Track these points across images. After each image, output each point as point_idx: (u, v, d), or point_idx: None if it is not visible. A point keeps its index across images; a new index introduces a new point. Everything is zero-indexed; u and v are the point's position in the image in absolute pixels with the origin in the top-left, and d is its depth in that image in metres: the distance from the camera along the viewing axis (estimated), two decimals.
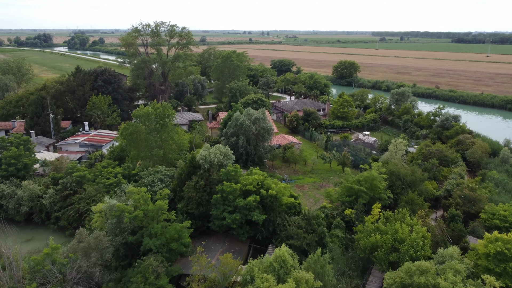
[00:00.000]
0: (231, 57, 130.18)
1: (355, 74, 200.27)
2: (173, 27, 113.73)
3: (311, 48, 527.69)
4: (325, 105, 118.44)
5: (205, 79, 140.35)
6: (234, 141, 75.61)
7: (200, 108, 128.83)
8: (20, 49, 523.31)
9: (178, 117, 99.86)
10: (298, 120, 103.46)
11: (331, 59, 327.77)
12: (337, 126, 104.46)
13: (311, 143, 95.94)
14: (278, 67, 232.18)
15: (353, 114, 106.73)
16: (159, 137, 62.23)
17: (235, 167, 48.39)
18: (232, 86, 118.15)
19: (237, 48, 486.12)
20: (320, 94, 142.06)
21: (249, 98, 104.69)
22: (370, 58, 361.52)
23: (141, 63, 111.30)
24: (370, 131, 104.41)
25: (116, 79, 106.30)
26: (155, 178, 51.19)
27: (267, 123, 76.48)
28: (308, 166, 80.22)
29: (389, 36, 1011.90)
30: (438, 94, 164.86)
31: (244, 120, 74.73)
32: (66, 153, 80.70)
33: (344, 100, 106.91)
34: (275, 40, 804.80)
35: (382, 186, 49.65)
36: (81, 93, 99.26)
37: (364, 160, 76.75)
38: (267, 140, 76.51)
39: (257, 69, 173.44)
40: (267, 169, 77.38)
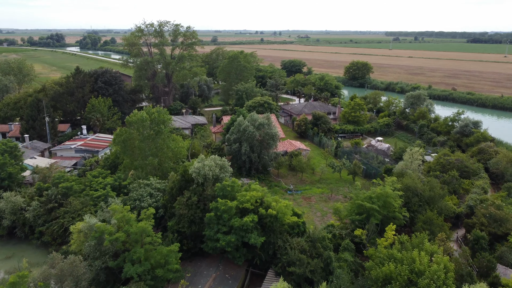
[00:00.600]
0: (238, 58, 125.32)
1: (368, 75, 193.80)
2: (177, 27, 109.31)
3: (323, 48, 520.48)
4: (335, 108, 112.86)
5: (211, 80, 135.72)
6: (236, 148, 70.81)
7: (205, 111, 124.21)
8: (32, 49, 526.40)
9: (180, 121, 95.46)
10: (307, 124, 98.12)
11: (343, 60, 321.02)
12: (348, 131, 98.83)
13: (320, 149, 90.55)
14: (289, 68, 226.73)
15: (365, 118, 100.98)
16: (154, 144, 57.63)
17: (232, 182, 43.43)
18: (238, 88, 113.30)
19: (248, 48, 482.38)
20: (331, 96, 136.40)
21: (255, 101, 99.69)
22: (384, 58, 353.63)
23: (143, 64, 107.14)
24: (383, 137, 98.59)
25: (117, 80, 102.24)
26: (145, 192, 46.49)
27: (272, 129, 71.41)
28: (316, 175, 74.93)
29: (402, 36, 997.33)
30: (455, 97, 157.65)
31: (248, 125, 69.80)
32: (60, 159, 76.77)
33: (355, 104, 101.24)
34: (287, 40, 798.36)
35: (397, 204, 44.23)
36: (80, 95, 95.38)
37: (376, 170, 71.22)
38: (272, 147, 71.46)
39: (266, 70, 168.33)
40: (272, 177, 72.38)
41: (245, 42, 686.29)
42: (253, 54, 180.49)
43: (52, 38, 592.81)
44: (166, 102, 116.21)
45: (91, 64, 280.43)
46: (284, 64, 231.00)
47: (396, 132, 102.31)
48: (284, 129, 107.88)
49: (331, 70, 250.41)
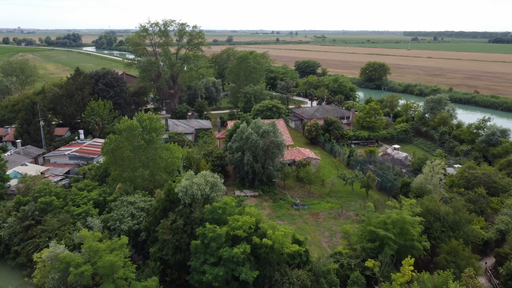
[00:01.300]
0: (248, 59, 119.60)
1: (385, 76, 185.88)
2: (183, 26, 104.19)
3: (339, 48, 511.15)
4: (349, 112, 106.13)
5: (220, 82, 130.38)
6: (239, 157, 65.12)
7: (212, 114, 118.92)
8: (49, 48, 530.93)
9: (183, 125, 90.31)
10: (318, 130, 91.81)
11: (359, 60, 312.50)
12: (362, 138, 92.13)
13: (331, 157, 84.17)
14: (302, 69, 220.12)
15: (381, 123, 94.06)
16: (145, 155, 52.34)
17: (224, 203, 37.64)
18: (246, 90, 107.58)
19: (263, 48, 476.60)
20: (345, 99, 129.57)
21: (263, 105, 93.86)
22: (402, 59, 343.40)
23: (147, 65, 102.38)
24: (401, 144, 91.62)
25: (119, 82, 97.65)
26: (126, 212, 41.07)
27: (278, 137, 65.42)
28: (326, 187, 68.68)
29: (421, 36, 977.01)
30: (478, 100, 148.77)
31: (251, 133, 64.00)
32: (53, 166, 72.32)
33: (370, 108, 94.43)
34: (302, 40, 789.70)
35: (415, 231, 37.84)
36: (80, 97, 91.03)
37: (392, 183, 64.60)
38: (277, 156, 65.50)
39: (278, 71, 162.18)
40: (277, 190, 66.41)
41: (260, 42, 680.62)
42: (264, 54, 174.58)
43: (69, 38, 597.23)
44: (171, 105, 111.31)
45: (104, 64, 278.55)
46: (298, 64, 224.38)
47: (414, 139, 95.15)
48: (294, 135, 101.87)
49: (346, 71, 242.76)
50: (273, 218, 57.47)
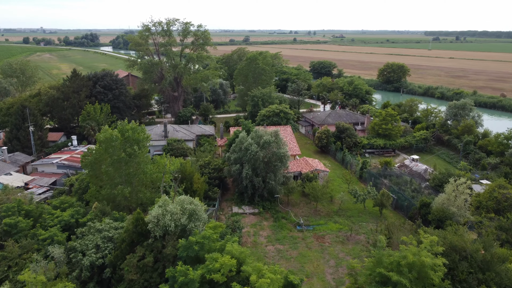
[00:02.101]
0: (257, 59, 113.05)
1: (404, 78, 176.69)
2: (187, 25, 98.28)
3: (358, 48, 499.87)
4: (364, 118, 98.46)
5: (228, 84, 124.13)
6: (237, 170, 58.69)
7: (218, 118, 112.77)
8: (67, 48, 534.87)
9: (184, 131, 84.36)
10: (329, 137, 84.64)
11: (378, 61, 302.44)
12: (378, 146, 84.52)
13: (342, 168, 76.97)
14: (317, 70, 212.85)
15: (398, 131, 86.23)
16: (126, 170, 46.36)
17: (203, 237, 31.23)
18: (254, 93, 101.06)
19: (279, 48, 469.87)
20: (361, 103, 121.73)
21: (269, 110, 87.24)
22: (422, 59, 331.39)
23: (148, 66, 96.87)
24: (420, 154, 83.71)
25: (119, 84, 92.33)
26: (91, 243, 35.00)
27: (281, 148, 58.73)
28: (335, 203, 61.64)
29: (443, 35, 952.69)
30: (505, 104, 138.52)
31: (250, 143, 57.49)
32: (39, 176, 67.18)
33: (387, 114, 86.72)
34: (320, 40, 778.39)
35: (437, 277, 30.65)
36: (76, 100, 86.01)
37: (410, 201, 57.13)
38: (280, 170, 58.79)
39: (291, 73, 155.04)
40: (279, 207, 59.69)
41: (277, 42, 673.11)
42: (277, 55, 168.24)
43: (87, 38, 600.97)
44: (174, 108, 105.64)
45: (118, 64, 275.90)
46: (313, 65, 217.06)
47: (435, 148, 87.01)
48: (304, 141, 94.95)
49: (364, 72, 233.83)
50: (272, 241, 50.92)
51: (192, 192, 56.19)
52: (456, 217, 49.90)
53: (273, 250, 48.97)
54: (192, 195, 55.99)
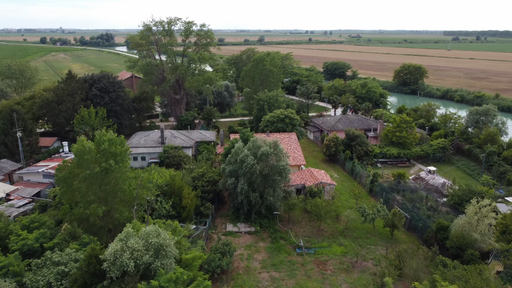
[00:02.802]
0: (264, 61, 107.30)
1: (421, 80, 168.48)
2: (189, 24, 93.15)
3: (374, 49, 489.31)
4: (377, 124, 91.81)
5: (234, 86, 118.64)
6: (232, 184, 53.17)
7: (223, 122, 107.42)
8: (81, 48, 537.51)
9: (182, 137, 79.23)
10: (338, 145, 78.43)
11: (394, 61, 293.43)
12: (391, 156, 77.92)
13: (351, 179, 70.74)
14: (331, 71, 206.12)
15: (414, 139, 79.46)
16: (102, 186, 41.23)
17: (169, 279, 25.71)
18: (260, 97, 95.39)
19: (294, 49, 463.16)
20: (375, 107, 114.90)
21: (274, 115, 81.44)
22: (441, 60, 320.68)
23: (147, 67, 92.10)
24: (437, 164, 76.91)
25: (116, 87, 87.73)
26: (43, 279, 29.82)
27: (282, 161, 52.93)
28: (341, 221, 55.57)
29: (463, 35, 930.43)
30: None
31: (247, 155, 51.87)
32: (24, 186, 62.87)
33: (401, 120, 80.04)
34: (336, 40, 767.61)
35: None
36: (70, 104, 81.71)
37: (425, 222, 50.71)
38: (279, 184, 52.98)
39: (302, 74, 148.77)
40: (278, 225, 53.88)
41: (292, 42, 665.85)
42: (288, 55, 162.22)
43: (102, 38, 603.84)
44: (176, 112, 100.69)
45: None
46: (327, 66, 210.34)
47: (454, 158, 79.93)
48: (311, 149, 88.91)
49: (379, 73, 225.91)
50: (267, 266, 45.21)
51: (181, 209, 51.05)
52: (478, 243, 43.47)
53: (267, 278, 43.26)
54: (181, 211, 50.89)
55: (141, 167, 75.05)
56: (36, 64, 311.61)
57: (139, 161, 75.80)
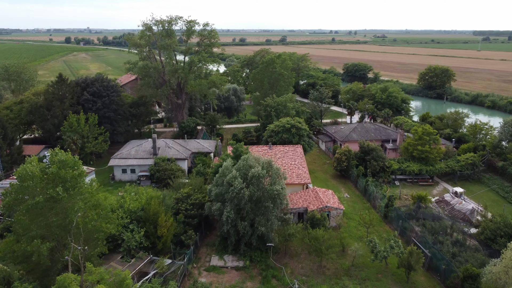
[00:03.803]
0: (274, 63, 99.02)
1: (448, 84, 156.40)
2: (191, 24, 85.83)
3: (399, 49, 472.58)
4: (397, 134, 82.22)
5: (242, 89, 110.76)
6: (218, 210, 45.32)
7: (228, 129, 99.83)
8: (103, 48, 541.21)
9: (177, 148, 71.89)
10: (350, 159, 69.50)
11: (420, 62, 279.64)
12: (411, 172, 68.39)
13: (363, 200, 61.76)
14: (351, 72, 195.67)
15: (438, 154, 69.68)
16: (49, 218, 34.06)
17: None
18: (268, 102, 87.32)
19: (316, 49, 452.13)
20: (396, 113, 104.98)
21: (279, 125, 73.15)
22: (470, 61, 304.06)
23: (144, 70, 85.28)
24: (465, 183, 67.09)
25: (110, 91, 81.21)
26: None
27: (276, 184, 44.70)
28: (347, 256, 46.92)
29: (493, 35, 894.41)
30: None
31: (235, 177, 43.88)
32: None
33: (424, 132, 70.38)
34: (360, 40, 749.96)
35: None
36: (59, 109, 75.62)
37: (449, 264, 41.46)
38: (273, 212, 44.73)
39: (317, 77, 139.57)
40: (270, 260, 45.60)
41: (314, 42, 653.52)
42: (305, 56, 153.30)
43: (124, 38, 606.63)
44: (178, 117, 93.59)
45: None
46: (347, 67, 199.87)
47: (485, 177, 69.67)
48: (322, 160, 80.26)
49: (403, 75, 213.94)
50: None
51: (156, 239, 43.54)
52: None
53: None
54: (156, 242, 43.38)
55: (129, 181, 68.38)
56: (55, 64, 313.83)
57: (129, 173, 68.98)
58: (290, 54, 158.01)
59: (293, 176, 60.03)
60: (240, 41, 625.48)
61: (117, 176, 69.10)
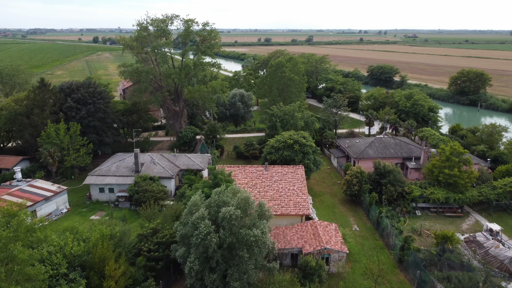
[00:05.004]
0: (283, 67, 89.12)
1: (483, 89, 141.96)
2: (189, 23, 77.15)
3: (431, 50, 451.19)
4: (420, 150, 70.77)
5: (250, 94, 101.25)
6: (181, 257, 36.09)
7: (232, 139, 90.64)
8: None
9: (162, 164, 63.20)
10: (362, 182, 58.94)
11: (452, 64, 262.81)
12: (436, 201, 57.09)
13: (375, 236, 51.21)
14: (376, 75, 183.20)
15: (470, 178, 58.03)
16: None
17: None
18: (273, 111, 77.71)
19: (344, 49, 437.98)
20: (422, 123, 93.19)
21: (281, 140, 63.36)
22: (507, 63, 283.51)
23: (135, 74, 77.18)
24: (504, 216, 55.44)
25: (97, 97, 73.35)
26: None
27: (255, 228, 35.04)
28: None
29: None
30: None
31: (201, 217, 34.55)
32: None
33: (453, 152, 58.93)
34: (390, 40, 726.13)
35: None
36: (38, 118, 68.34)
37: None
38: (249, 262, 35.00)
39: (336, 81, 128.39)
40: None
41: (342, 42, 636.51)
42: (324, 58, 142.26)
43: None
44: (175, 126, 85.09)
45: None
46: (372, 70, 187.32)
47: None
48: (332, 180, 70.07)
49: (433, 79, 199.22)
50: None
51: None
52: None
53: None
54: None
55: (108, 201, 60.25)
56: (76, 64, 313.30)
57: (107, 193, 60.78)
58: (308, 55, 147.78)
59: (289, 205, 50.21)
60: (265, 41, 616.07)
61: (94, 196, 61.05)
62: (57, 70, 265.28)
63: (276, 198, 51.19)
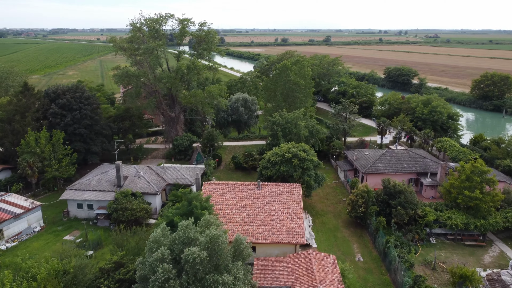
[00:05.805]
0: (288, 70, 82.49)
1: (509, 94, 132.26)
2: (184, 23, 71.43)
3: (452, 50, 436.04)
4: (437, 165, 63.13)
5: (254, 99, 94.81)
6: None
7: (233, 147, 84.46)
8: None
9: (148, 177, 57.49)
10: (369, 203, 51.97)
11: (475, 66, 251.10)
12: (454, 227, 49.63)
13: (380, 269, 44.22)
14: (393, 78, 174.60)
15: (494, 201, 50.38)
16: None
17: None
18: (275, 118, 71.27)
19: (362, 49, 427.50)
20: (440, 132, 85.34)
21: (278, 153, 56.75)
22: None
23: (125, 78, 71.92)
24: None
25: (84, 103, 68.14)
26: None
27: (224, 274, 28.75)
28: None
29: None
30: None
31: (161, 259, 28.47)
32: None
33: (474, 170, 51.38)
34: (410, 40, 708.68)
35: None
36: (19, 125, 63.53)
37: None
38: None
39: (349, 84, 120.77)
40: None
41: (360, 42, 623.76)
42: (337, 60, 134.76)
43: (166, 37, 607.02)
44: (171, 133, 79.48)
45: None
46: (388, 72, 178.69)
47: None
48: (337, 197, 63.14)
49: (455, 81, 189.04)
50: None
51: None
52: None
53: None
54: None
55: (87, 218, 54.93)
56: (90, 64, 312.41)
57: (85, 209, 55.40)
58: (321, 56, 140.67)
59: (282, 231, 43.76)
60: (281, 41, 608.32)
61: (72, 212, 55.73)
62: (69, 70, 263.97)
63: (267, 223, 44.82)
